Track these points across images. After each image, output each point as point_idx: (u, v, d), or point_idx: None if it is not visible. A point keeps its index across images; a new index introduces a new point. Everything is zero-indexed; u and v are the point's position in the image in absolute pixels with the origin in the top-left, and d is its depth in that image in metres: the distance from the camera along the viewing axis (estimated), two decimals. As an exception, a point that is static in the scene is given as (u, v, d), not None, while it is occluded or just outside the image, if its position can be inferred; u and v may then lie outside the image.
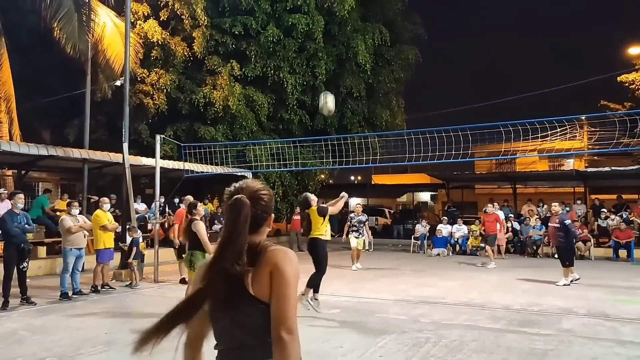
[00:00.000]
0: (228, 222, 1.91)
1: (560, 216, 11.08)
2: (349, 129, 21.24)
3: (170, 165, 15.05)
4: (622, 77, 24.43)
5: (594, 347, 6.09)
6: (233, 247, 1.85)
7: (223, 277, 1.83)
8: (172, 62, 18.54)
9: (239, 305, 1.84)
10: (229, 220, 1.91)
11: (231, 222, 1.89)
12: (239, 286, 1.84)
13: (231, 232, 1.87)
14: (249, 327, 1.85)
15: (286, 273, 1.84)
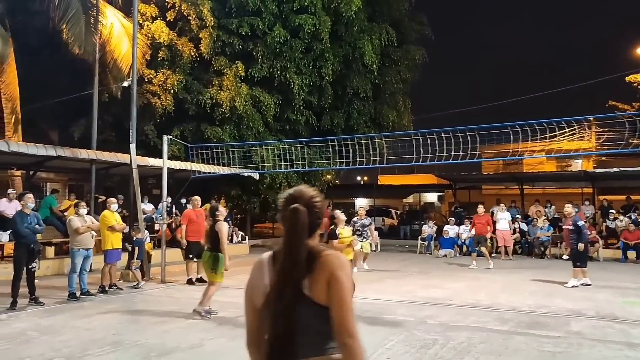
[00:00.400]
0: (288, 230, 2.06)
1: (573, 218, 11.05)
2: (356, 129, 21.21)
3: (177, 166, 15.08)
4: (631, 77, 24.30)
5: (603, 349, 6.05)
6: (293, 253, 2.01)
7: (284, 280, 1.97)
8: (179, 63, 18.58)
9: (296, 305, 1.95)
10: (288, 228, 2.06)
11: (290, 230, 2.05)
12: (297, 288, 1.96)
13: (291, 239, 2.03)
14: (304, 326, 1.95)
15: (341, 279, 1.98)
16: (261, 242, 22.69)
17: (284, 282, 1.97)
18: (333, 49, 20.22)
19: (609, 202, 19.45)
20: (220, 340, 6.37)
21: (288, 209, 2.08)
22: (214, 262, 7.74)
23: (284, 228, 2.08)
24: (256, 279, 2.12)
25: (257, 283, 2.10)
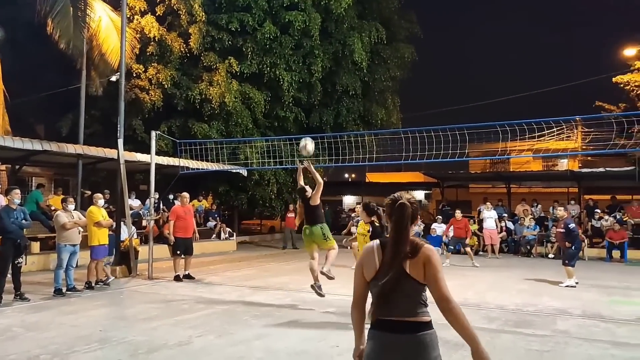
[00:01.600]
0: (397, 220, 2.74)
1: (565, 220, 11.16)
2: (345, 126, 21.22)
3: (165, 162, 14.98)
4: (617, 78, 24.50)
5: (589, 348, 6.11)
6: (402, 238, 2.70)
7: (394, 259, 2.66)
8: (168, 58, 18.46)
9: (400, 280, 2.65)
10: (397, 218, 2.74)
11: (399, 219, 2.74)
12: (401, 266, 2.65)
13: (399, 227, 2.73)
14: (405, 295, 2.67)
15: (436, 263, 2.67)
16: (249, 238, 22.64)
17: (393, 261, 2.66)
18: (323, 46, 20.20)
19: (594, 202, 19.64)
20: (208, 337, 6.34)
21: (396, 205, 2.78)
22: (323, 231, 8.19)
23: (393, 220, 2.77)
24: (368, 259, 2.79)
25: (368, 263, 2.78)
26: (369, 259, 2.78)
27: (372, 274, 2.74)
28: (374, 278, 2.73)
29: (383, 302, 2.68)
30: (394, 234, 2.72)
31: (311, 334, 6.58)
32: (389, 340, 2.67)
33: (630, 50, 23.63)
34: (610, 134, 12.24)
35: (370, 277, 2.75)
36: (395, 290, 2.65)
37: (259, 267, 13.80)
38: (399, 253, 2.66)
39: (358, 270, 2.83)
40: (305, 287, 10.32)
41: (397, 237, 2.70)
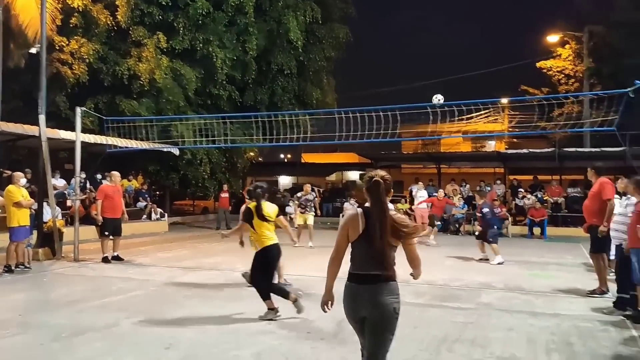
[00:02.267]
0: (375, 195, 3.39)
1: (481, 206, 11.65)
2: (280, 106, 21.06)
3: (92, 140, 14.35)
4: (541, 64, 25.63)
5: (510, 319, 6.42)
6: (384, 208, 3.36)
7: (379, 226, 3.30)
8: (94, 31, 17.56)
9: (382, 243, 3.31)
10: (375, 192, 3.40)
11: (376, 193, 3.39)
12: (387, 235, 3.31)
13: (378, 199, 3.38)
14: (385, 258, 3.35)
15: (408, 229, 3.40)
16: (181, 219, 22.20)
17: (380, 227, 3.29)
18: (258, 23, 19.86)
19: (518, 182, 20.58)
20: (137, 319, 6.17)
21: (372, 182, 3.41)
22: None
23: (372, 195, 3.40)
24: (353, 224, 3.37)
25: (354, 226, 3.36)
26: (355, 224, 3.36)
27: (355, 236, 3.36)
28: (357, 240, 3.35)
29: (366, 261, 3.33)
30: (376, 206, 3.36)
31: (244, 313, 6.55)
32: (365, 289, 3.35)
33: (553, 37, 24.73)
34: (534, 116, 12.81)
35: (354, 239, 3.37)
36: (379, 252, 3.30)
37: (191, 248, 13.57)
38: (384, 222, 3.30)
39: (343, 232, 3.41)
40: (238, 267, 10.27)
41: (380, 208, 3.35)
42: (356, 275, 3.38)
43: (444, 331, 5.85)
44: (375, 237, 3.28)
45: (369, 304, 3.32)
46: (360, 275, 3.36)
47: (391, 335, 3.39)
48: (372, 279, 3.33)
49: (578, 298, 7.72)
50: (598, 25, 22.40)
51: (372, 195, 3.40)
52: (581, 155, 19.85)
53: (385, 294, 3.33)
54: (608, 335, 5.80)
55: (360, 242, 3.34)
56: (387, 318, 3.35)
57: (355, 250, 3.39)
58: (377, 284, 3.33)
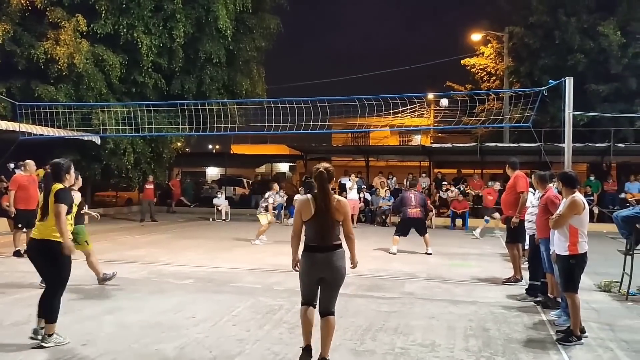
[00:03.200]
0: (321, 183, 4.32)
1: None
2: (208, 95, 20.57)
3: (3, 126, 13.48)
4: (465, 61, 26.55)
5: (431, 307, 6.63)
6: (328, 195, 4.31)
7: (325, 207, 4.27)
8: (5, 10, 16.40)
9: (331, 221, 4.31)
10: (319, 180, 4.33)
11: (322, 181, 4.32)
12: (331, 213, 4.30)
13: (322, 186, 4.32)
14: (333, 231, 4.35)
15: (345, 208, 4.40)
16: (103, 211, 21.31)
17: (326, 208, 4.27)
18: (185, 10, 19.26)
19: (442, 175, 21.28)
20: (51, 316, 5.86)
21: (317, 172, 4.34)
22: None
23: (319, 182, 4.32)
24: (305, 207, 4.32)
25: (306, 209, 4.31)
26: (306, 207, 4.31)
27: (308, 216, 4.30)
28: (311, 219, 4.29)
29: (320, 234, 4.30)
30: (321, 192, 4.31)
31: (167, 306, 6.39)
32: (321, 256, 4.32)
33: (477, 35, 25.67)
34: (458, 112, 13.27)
35: (307, 219, 4.32)
36: (328, 227, 4.29)
37: (113, 241, 13.08)
38: (329, 204, 4.28)
39: (298, 214, 4.37)
40: (162, 259, 10.01)
41: (325, 193, 4.30)
42: (313, 246, 4.33)
43: (369, 320, 5.95)
44: (324, 215, 4.25)
45: (327, 267, 4.30)
46: (316, 246, 4.31)
47: (339, 289, 4.50)
48: (327, 248, 4.30)
49: (494, 286, 8.09)
50: (517, 26, 23.44)
51: (318, 183, 4.33)
52: (501, 150, 20.79)
53: (338, 259, 4.34)
54: (521, 320, 6.11)
55: (312, 221, 4.29)
56: (341, 277, 4.43)
57: (309, 227, 4.34)
58: (332, 251, 4.31)
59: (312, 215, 4.28)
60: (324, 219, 4.26)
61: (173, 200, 23.69)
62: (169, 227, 16.78)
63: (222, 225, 17.99)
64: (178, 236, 14.32)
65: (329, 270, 4.32)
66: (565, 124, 7.96)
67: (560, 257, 5.52)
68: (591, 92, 20.52)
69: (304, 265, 4.38)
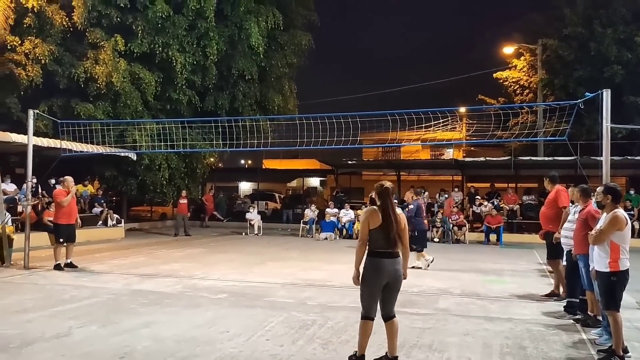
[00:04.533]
0: (387, 198, 4.73)
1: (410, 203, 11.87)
2: (241, 111, 20.91)
3: (45, 143, 13.93)
4: (498, 74, 26.31)
5: (466, 324, 6.53)
6: (392, 204, 4.72)
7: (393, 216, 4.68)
8: (48, 32, 17.04)
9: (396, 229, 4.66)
10: (388, 195, 4.74)
11: (388, 195, 4.73)
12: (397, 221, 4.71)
13: (390, 199, 4.73)
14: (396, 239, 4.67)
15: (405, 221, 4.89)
16: (138, 225, 21.76)
17: (394, 217, 4.67)
18: (218, 28, 19.69)
19: (475, 189, 21.01)
20: (90, 328, 6.00)
21: (383, 188, 4.76)
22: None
23: (385, 196, 4.73)
24: (373, 217, 4.68)
25: (374, 218, 4.67)
26: (374, 216, 4.69)
27: (376, 225, 4.65)
28: (379, 228, 4.64)
29: (388, 241, 4.64)
30: (387, 205, 4.70)
31: (201, 321, 6.45)
32: (389, 262, 4.67)
33: (509, 48, 25.44)
34: (491, 126, 13.13)
35: (374, 227, 4.65)
36: (395, 235, 4.65)
37: (148, 255, 13.30)
38: (396, 214, 4.71)
39: (365, 223, 4.69)
40: (196, 274, 10.13)
41: (391, 205, 4.72)
42: (381, 252, 4.65)
43: (402, 336, 5.89)
44: (392, 226, 4.63)
45: (393, 273, 4.68)
46: (384, 252, 4.66)
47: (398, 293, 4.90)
48: (393, 254, 4.69)
49: (531, 303, 7.92)
50: (551, 38, 23.16)
51: (383, 198, 4.75)
52: (535, 163, 20.45)
53: (399, 265, 4.73)
54: (559, 338, 5.96)
55: (381, 229, 4.64)
56: (401, 282, 4.82)
57: (377, 235, 4.66)
58: (396, 258, 4.71)
59: (380, 224, 4.64)
60: (391, 227, 4.64)
61: (206, 215, 24.01)
62: (203, 242, 16.98)
63: (254, 240, 18.11)
64: (211, 250, 14.48)
65: (395, 275, 4.69)
66: (603, 137, 7.78)
67: (600, 274, 5.38)
68: (629, 104, 20.06)
69: (372, 270, 4.67)
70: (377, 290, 4.71)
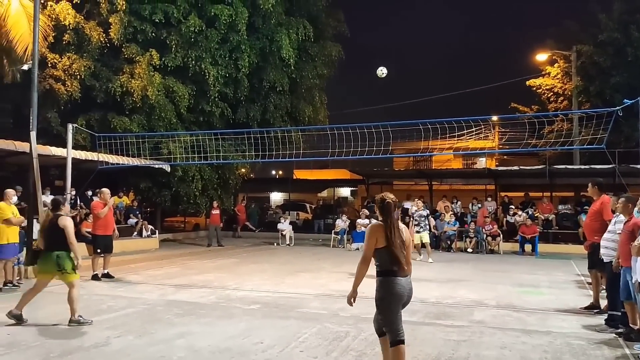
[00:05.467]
0: (389, 212, 4.42)
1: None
2: (272, 123, 21.09)
3: (83, 156, 14.30)
4: (531, 82, 25.93)
5: (502, 337, 6.41)
6: (396, 221, 4.44)
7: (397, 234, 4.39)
8: (86, 48, 17.56)
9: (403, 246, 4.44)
10: (390, 210, 4.43)
11: (390, 211, 4.43)
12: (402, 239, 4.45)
13: (390, 216, 4.41)
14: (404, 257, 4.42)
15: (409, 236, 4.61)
16: (172, 236, 22.07)
17: (397, 234, 4.38)
18: (250, 41, 19.97)
19: (509, 199, 20.66)
20: (127, 338, 6.11)
21: (385, 203, 4.46)
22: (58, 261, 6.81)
23: (387, 211, 4.42)
24: (379, 232, 4.37)
25: (379, 235, 4.36)
26: (380, 235, 4.36)
27: (383, 243, 4.35)
28: (386, 246, 4.33)
29: (399, 260, 4.35)
30: (390, 222, 4.39)
31: (235, 331, 6.50)
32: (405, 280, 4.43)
33: (542, 55, 25.06)
34: (524, 134, 12.93)
35: (382, 246, 4.35)
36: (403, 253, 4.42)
37: (182, 265, 13.48)
38: (400, 232, 4.42)
39: (372, 240, 4.38)
40: (229, 284, 10.21)
41: (394, 224, 4.40)
42: (395, 271, 4.38)
43: (437, 349, 5.83)
44: (396, 244, 4.35)
45: (409, 291, 4.47)
46: (398, 271, 4.39)
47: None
48: (405, 272, 4.46)
49: (570, 315, 7.73)
50: (586, 44, 22.74)
51: (385, 214, 4.44)
52: (571, 172, 20.01)
53: (411, 284, 4.55)
54: (601, 353, 5.80)
55: (388, 248, 4.34)
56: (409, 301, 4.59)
57: (385, 254, 4.36)
58: (408, 276, 4.49)
59: (385, 245, 4.34)
60: (396, 247, 4.35)
61: (239, 225, 24.20)
62: (235, 252, 17.12)
63: (286, 250, 18.17)
64: (244, 261, 14.59)
65: (409, 294, 4.49)
66: (642, 145, 7.59)
67: (643, 287, 5.23)
68: (669, 110, 19.49)
69: (392, 290, 4.37)
70: (400, 309, 4.45)
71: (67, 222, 6.86)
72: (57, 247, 6.78)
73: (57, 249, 6.77)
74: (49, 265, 6.79)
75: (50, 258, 6.77)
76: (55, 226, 6.81)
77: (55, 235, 6.80)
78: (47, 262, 6.81)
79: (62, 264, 6.73)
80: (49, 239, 6.90)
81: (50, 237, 6.88)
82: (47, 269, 6.88)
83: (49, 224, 6.91)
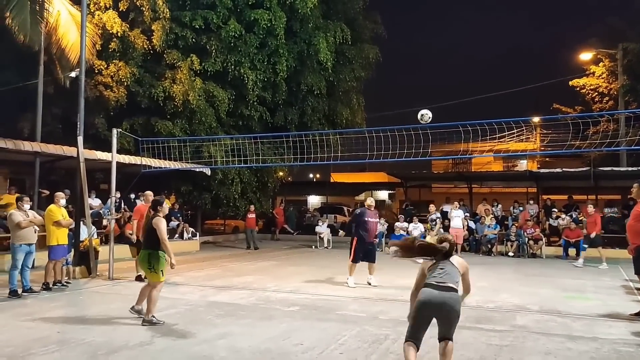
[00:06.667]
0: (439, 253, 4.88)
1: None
2: (309, 126, 21.22)
3: (127, 160, 14.70)
4: (574, 82, 25.29)
5: (547, 342, 6.27)
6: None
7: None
8: (131, 55, 18.09)
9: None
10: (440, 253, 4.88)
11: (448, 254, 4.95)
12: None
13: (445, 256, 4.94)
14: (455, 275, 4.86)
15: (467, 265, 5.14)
16: (212, 238, 22.43)
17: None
18: (288, 45, 20.15)
19: (552, 201, 20.18)
20: (170, 338, 6.25)
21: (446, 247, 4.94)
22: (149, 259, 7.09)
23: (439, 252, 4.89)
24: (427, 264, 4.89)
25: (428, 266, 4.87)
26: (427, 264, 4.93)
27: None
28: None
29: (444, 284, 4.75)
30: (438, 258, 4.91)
31: (275, 333, 6.57)
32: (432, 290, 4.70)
33: (586, 54, 24.39)
34: (567, 135, 12.61)
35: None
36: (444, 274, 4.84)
37: (222, 267, 13.68)
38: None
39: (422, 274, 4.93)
40: (269, 286, 10.31)
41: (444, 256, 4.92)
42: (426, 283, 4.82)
43: (479, 353, 5.76)
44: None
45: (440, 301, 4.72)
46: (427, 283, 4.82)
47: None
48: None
49: (618, 322, 7.50)
50: (632, 42, 22.03)
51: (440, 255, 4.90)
52: (617, 174, 19.41)
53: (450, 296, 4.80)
54: (650, 360, 5.62)
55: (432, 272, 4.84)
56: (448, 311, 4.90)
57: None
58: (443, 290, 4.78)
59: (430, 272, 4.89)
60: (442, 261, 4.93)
61: (277, 228, 24.40)
62: (274, 255, 17.27)
63: (324, 253, 18.21)
64: (283, 263, 14.70)
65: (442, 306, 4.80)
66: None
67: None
68: None
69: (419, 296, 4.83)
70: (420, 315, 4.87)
71: (160, 222, 7.14)
72: (150, 246, 7.11)
73: (151, 248, 7.11)
74: (143, 262, 7.20)
75: (144, 255, 7.16)
76: (151, 226, 7.14)
77: (150, 235, 7.15)
78: (142, 260, 7.22)
79: (152, 262, 7.06)
80: (146, 238, 7.32)
81: (147, 236, 7.28)
82: (142, 266, 7.35)
83: (148, 224, 7.26)
